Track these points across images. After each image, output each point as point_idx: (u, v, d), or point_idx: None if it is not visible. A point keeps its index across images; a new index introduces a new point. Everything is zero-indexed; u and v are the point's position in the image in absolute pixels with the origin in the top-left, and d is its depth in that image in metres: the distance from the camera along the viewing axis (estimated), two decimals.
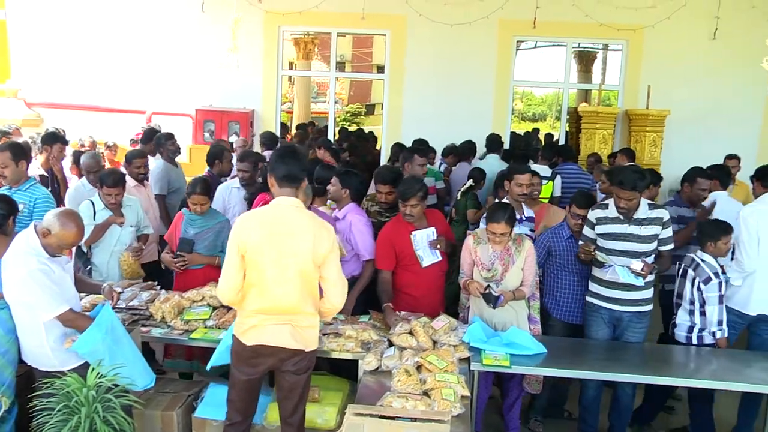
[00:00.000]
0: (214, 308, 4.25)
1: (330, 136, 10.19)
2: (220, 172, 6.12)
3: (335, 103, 14.51)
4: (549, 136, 10.77)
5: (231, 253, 3.24)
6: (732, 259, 4.70)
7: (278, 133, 9.52)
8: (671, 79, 9.27)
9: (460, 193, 6.19)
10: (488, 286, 4.14)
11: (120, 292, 4.20)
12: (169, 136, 6.81)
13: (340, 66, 21.22)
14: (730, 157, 7.27)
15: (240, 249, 3.21)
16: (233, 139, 8.79)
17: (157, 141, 6.86)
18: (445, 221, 4.92)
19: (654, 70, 9.34)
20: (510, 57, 9.61)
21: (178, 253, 4.74)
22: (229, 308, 4.22)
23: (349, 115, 24.71)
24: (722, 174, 5.83)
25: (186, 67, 9.69)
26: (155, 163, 6.59)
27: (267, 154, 7.42)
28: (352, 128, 16.70)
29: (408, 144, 7.64)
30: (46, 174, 6.19)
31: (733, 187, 7.03)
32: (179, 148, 6.91)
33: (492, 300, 4.08)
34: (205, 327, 4.10)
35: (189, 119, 9.65)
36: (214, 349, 3.75)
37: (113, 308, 3.66)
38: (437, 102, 9.47)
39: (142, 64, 9.72)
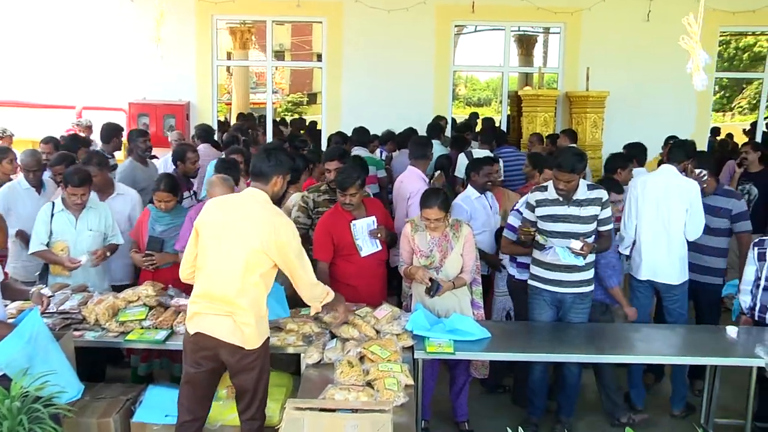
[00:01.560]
0: (151, 308, 4.15)
1: (269, 127, 10.09)
2: (185, 172, 5.99)
3: (275, 93, 14.42)
4: (488, 120, 10.87)
5: (193, 230, 3.41)
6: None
7: (215, 126, 9.37)
8: (609, 61, 9.51)
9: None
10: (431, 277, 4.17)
11: (50, 296, 4.07)
12: (142, 133, 6.67)
13: (279, 55, 20.99)
14: (672, 138, 7.51)
15: (197, 226, 3.37)
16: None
17: (129, 138, 6.74)
18: (385, 210, 4.94)
19: (592, 52, 9.57)
20: (449, 42, 9.67)
21: (147, 252, 4.68)
22: (167, 307, 4.16)
23: (290, 104, 24.55)
24: (638, 152, 6.18)
25: (117, 59, 9.40)
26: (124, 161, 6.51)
27: (202, 147, 7.29)
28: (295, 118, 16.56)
29: (348, 133, 7.62)
30: None
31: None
32: (151, 147, 6.78)
33: (433, 288, 4.10)
34: (142, 328, 4.00)
35: (122, 113, 9.39)
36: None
37: (43, 314, 3.55)
38: (377, 89, 9.46)
39: (71, 57, 9.38)
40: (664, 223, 4.74)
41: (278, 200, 5.31)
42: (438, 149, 7.27)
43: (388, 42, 9.40)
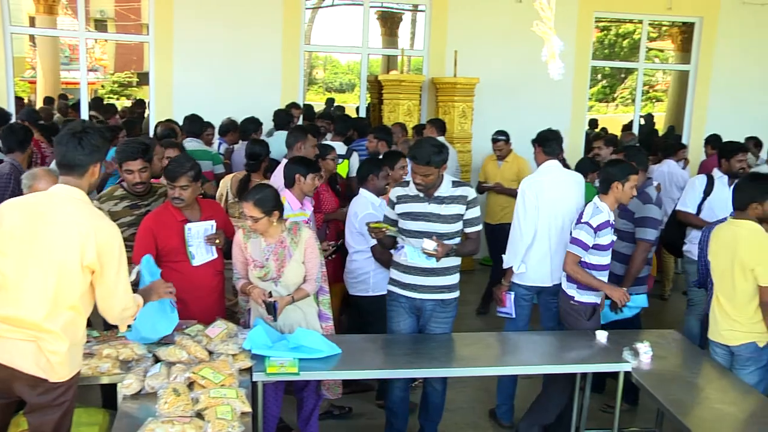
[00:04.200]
0: None
1: (83, 112, 9.66)
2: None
3: (95, 71, 13.80)
4: (340, 108, 11.04)
5: None
6: None
7: (12, 109, 8.82)
8: (479, 45, 9.83)
9: None
10: (270, 293, 4.19)
11: None
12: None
13: (101, 25, 20.12)
14: (500, 133, 7.82)
15: None
16: None
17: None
18: (225, 214, 4.91)
19: (461, 34, 9.84)
20: (299, 17, 9.67)
21: None
22: None
23: (116, 86, 23.65)
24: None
25: None
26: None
27: None
28: (121, 102, 16.03)
29: (180, 121, 7.48)
30: None
31: (503, 164, 7.77)
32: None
33: (269, 310, 4.15)
34: None
35: None
36: None
37: None
38: (215, 70, 9.28)
39: None
40: (557, 222, 4.99)
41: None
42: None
43: (228, 14, 9.24)
